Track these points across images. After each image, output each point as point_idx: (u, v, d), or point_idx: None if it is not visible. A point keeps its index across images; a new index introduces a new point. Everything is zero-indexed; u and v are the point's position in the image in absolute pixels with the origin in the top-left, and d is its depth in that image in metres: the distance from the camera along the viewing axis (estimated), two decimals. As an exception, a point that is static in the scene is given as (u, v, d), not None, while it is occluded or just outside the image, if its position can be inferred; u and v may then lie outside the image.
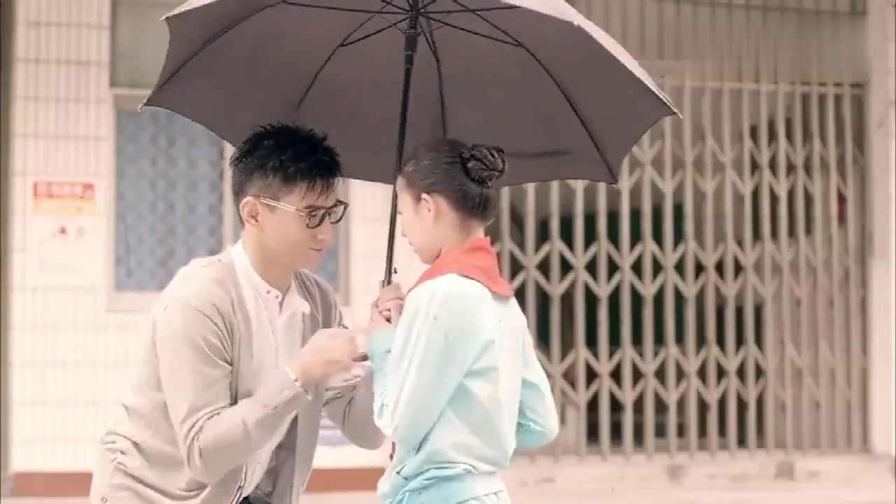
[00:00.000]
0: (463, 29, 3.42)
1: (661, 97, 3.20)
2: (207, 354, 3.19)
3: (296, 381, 3.18)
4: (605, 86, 3.32)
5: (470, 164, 3.13)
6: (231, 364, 3.25)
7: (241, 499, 3.36)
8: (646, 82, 3.16)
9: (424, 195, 3.13)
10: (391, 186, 3.29)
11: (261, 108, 3.53)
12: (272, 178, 3.27)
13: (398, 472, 3.07)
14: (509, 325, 3.16)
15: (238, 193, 3.34)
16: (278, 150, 3.28)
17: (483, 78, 3.55)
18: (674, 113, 3.23)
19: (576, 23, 2.88)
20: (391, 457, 3.13)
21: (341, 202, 3.36)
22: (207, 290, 3.24)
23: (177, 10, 3.20)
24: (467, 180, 3.13)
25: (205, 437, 3.16)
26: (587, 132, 3.45)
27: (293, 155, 3.27)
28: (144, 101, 3.54)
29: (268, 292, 3.34)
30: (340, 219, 3.38)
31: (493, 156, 3.14)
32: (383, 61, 3.52)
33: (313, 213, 3.28)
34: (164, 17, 3.22)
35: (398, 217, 3.25)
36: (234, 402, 3.25)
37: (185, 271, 3.33)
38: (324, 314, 3.49)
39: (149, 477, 3.31)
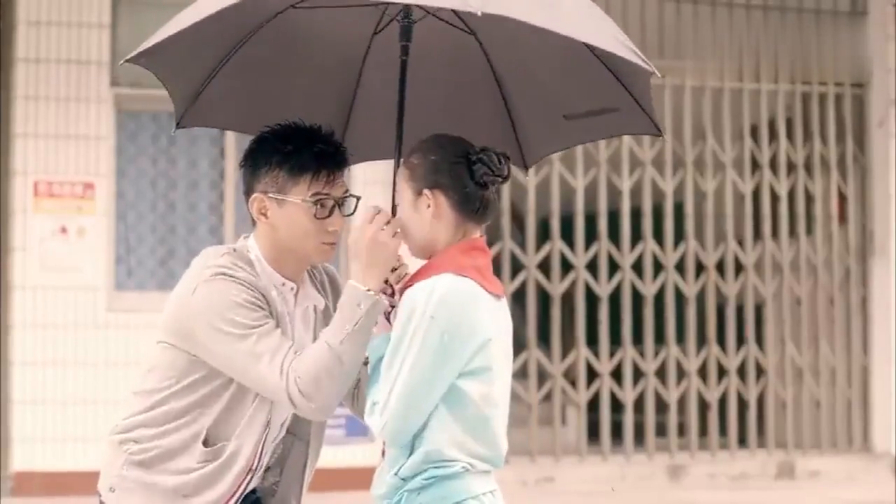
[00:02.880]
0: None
1: (636, 60, 3.14)
2: (254, 308, 3.21)
3: (368, 290, 3.16)
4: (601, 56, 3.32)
5: (476, 167, 3.12)
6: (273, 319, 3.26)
7: (250, 481, 3.36)
8: (620, 53, 3.08)
9: (426, 191, 3.13)
10: (391, 185, 3.29)
11: (313, 104, 3.56)
12: (278, 172, 3.29)
13: (395, 473, 3.06)
14: (503, 324, 3.17)
15: (247, 192, 3.36)
16: (282, 145, 3.30)
17: (526, 49, 3.51)
18: (653, 72, 3.17)
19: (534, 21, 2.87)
20: (383, 453, 3.12)
21: (353, 195, 3.37)
22: (232, 270, 3.26)
23: (142, 48, 3.22)
24: (471, 182, 3.12)
25: (296, 370, 3.13)
26: (623, 87, 3.42)
27: (297, 147, 3.29)
28: (175, 125, 3.57)
29: (283, 284, 3.36)
30: (354, 212, 3.39)
31: (500, 161, 3.13)
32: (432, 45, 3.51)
33: (321, 203, 3.29)
34: (123, 61, 3.28)
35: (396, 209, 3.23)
36: None
37: (202, 260, 3.34)
38: (333, 299, 3.48)
39: (158, 462, 3.32)
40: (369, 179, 9.34)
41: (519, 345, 4.95)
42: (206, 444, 3.31)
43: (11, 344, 9.00)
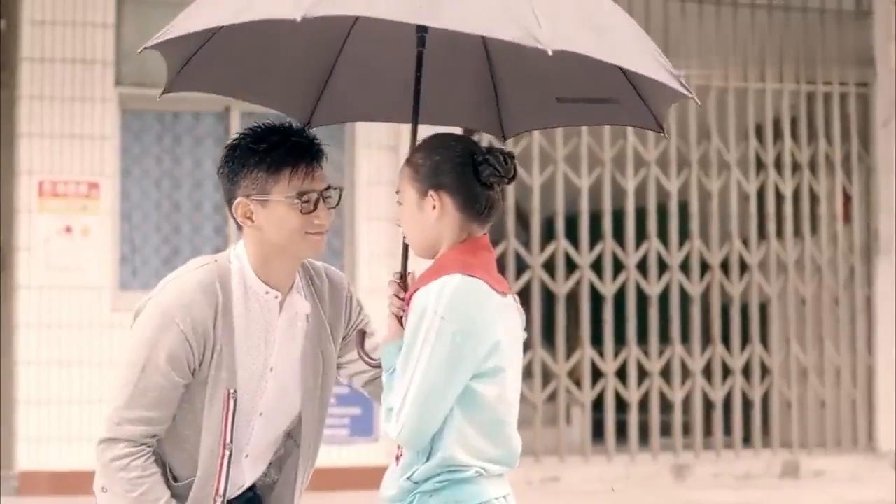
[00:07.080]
0: None
1: (678, 86, 3.09)
2: (165, 366, 3.23)
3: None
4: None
5: (481, 167, 3.09)
6: (192, 377, 3.26)
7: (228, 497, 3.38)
8: (665, 80, 3.05)
9: (431, 192, 3.10)
10: (394, 185, 3.27)
11: (297, 63, 3.53)
12: (256, 174, 3.28)
13: (408, 478, 3.03)
14: (512, 323, 3.14)
15: (229, 200, 3.35)
16: (255, 146, 3.29)
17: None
18: (692, 98, 3.13)
19: (550, 51, 2.79)
20: (397, 458, 3.10)
21: (334, 187, 3.35)
22: (189, 298, 3.25)
23: (160, 38, 3.20)
24: (476, 183, 3.10)
25: (121, 456, 3.25)
26: (628, 82, 3.37)
27: (270, 146, 3.28)
28: (163, 89, 3.55)
29: (266, 293, 3.34)
30: (338, 203, 3.37)
31: (506, 162, 3.10)
32: None
33: (305, 199, 3.27)
34: (142, 49, 3.27)
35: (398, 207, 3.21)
36: (204, 405, 3.28)
37: (177, 272, 3.36)
38: (332, 307, 3.46)
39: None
40: (373, 180, 9.35)
41: (523, 344, 4.93)
42: (176, 479, 3.35)
43: (16, 343, 9.00)
